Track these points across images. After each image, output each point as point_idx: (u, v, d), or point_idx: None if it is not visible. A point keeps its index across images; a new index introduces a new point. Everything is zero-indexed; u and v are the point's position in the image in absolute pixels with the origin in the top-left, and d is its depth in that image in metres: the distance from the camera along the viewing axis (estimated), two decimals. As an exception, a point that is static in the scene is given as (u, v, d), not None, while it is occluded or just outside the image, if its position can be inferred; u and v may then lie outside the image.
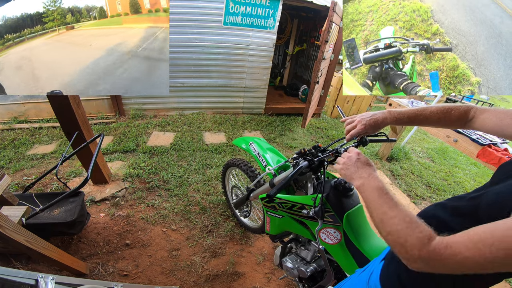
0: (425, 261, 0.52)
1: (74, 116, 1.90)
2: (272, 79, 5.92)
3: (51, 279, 0.87)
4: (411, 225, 0.57)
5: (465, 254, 0.49)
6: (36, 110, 3.62)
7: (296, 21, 5.72)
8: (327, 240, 1.11)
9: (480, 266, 0.48)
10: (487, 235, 0.48)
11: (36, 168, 2.67)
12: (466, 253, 0.48)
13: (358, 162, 0.79)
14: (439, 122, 0.89)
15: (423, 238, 0.53)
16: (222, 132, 3.87)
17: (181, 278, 1.78)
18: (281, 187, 0.93)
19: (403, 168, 3.66)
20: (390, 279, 0.75)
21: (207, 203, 2.44)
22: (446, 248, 0.50)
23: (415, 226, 0.56)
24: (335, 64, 4.54)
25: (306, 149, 1.17)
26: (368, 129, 0.96)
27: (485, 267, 0.47)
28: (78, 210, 1.75)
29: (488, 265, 0.47)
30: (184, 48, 3.72)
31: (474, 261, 0.48)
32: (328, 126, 4.70)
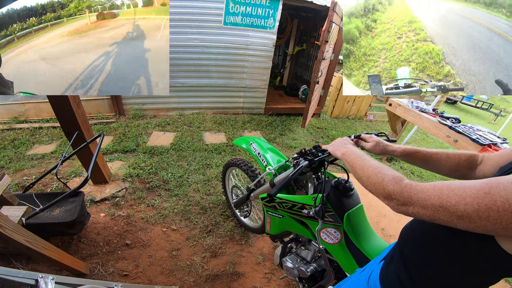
0: (398, 193, 0.59)
1: (74, 116, 1.90)
2: (272, 79, 5.92)
3: (51, 279, 0.87)
4: (387, 169, 0.67)
5: (428, 193, 0.53)
6: (36, 110, 3.62)
7: (296, 21, 5.73)
8: (327, 240, 1.11)
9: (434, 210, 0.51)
10: (455, 182, 0.51)
11: (36, 168, 2.67)
12: (431, 191, 0.53)
13: (343, 140, 0.98)
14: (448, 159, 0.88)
15: (397, 176, 0.62)
16: (222, 132, 3.87)
17: (181, 278, 1.78)
18: (281, 186, 0.93)
19: (403, 168, 3.66)
20: (390, 279, 0.75)
21: (207, 203, 2.44)
22: (417, 185, 0.56)
23: (390, 170, 0.66)
24: (335, 64, 4.54)
25: (306, 149, 1.17)
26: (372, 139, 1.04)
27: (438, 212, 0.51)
28: (78, 210, 1.75)
29: (440, 210, 0.50)
30: (184, 48, 3.72)
31: (431, 202, 0.52)
32: (328, 126, 4.70)
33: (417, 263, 0.68)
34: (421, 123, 2.82)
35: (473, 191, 0.47)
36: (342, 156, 0.88)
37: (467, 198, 0.46)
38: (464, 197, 0.47)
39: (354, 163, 0.79)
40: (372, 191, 0.68)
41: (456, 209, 0.48)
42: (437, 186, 0.53)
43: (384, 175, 0.65)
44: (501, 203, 0.43)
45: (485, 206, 0.44)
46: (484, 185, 0.46)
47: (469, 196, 0.46)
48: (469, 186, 0.48)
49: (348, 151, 0.86)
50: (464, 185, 0.49)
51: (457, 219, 0.48)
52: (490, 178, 0.48)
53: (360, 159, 0.78)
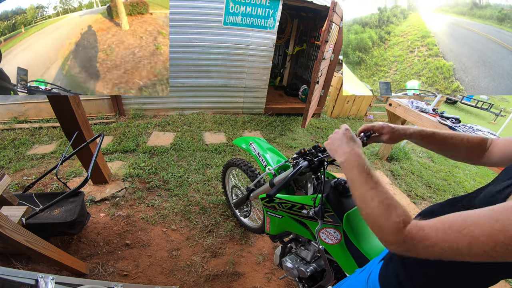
0: (400, 245, 0.53)
1: (74, 116, 1.90)
2: (272, 79, 5.92)
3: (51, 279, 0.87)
4: (388, 208, 0.57)
5: (433, 239, 0.49)
6: (36, 110, 3.62)
7: (296, 21, 5.72)
8: (327, 240, 1.11)
9: (445, 253, 0.48)
10: (458, 220, 0.48)
11: (36, 168, 2.67)
12: (435, 237, 0.48)
13: (344, 137, 0.78)
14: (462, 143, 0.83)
15: (398, 223, 0.53)
16: (222, 132, 3.87)
17: (181, 278, 1.78)
18: (281, 187, 0.93)
19: (403, 168, 3.66)
20: (389, 279, 0.75)
21: (207, 203, 2.44)
22: (419, 231, 0.51)
23: (393, 210, 0.56)
24: (335, 64, 4.54)
25: (306, 149, 1.17)
26: (386, 129, 0.91)
27: (450, 254, 0.47)
28: (78, 210, 1.75)
29: (451, 253, 0.47)
30: (184, 48, 3.72)
31: (440, 247, 0.48)
32: (328, 126, 4.70)
33: (416, 263, 0.68)
34: (421, 123, 2.83)
35: (484, 229, 0.44)
36: (340, 164, 0.75)
37: (480, 237, 0.44)
38: (476, 237, 0.44)
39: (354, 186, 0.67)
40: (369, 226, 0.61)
41: (470, 250, 0.45)
42: (439, 230, 0.48)
43: (385, 221, 0.56)
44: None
45: (502, 243, 0.42)
46: (494, 222, 0.44)
47: (482, 235, 0.44)
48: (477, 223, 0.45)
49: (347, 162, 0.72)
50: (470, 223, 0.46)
51: (474, 257, 0.46)
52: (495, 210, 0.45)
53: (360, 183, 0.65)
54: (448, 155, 0.90)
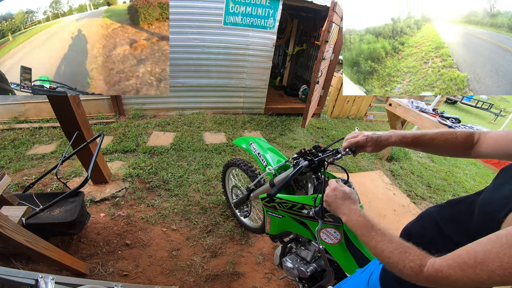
0: (424, 284, 0.56)
1: (74, 116, 1.90)
2: (272, 79, 5.92)
3: (51, 279, 0.87)
4: (401, 255, 0.60)
5: (454, 277, 0.51)
6: (36, 110, 3.62)
7: (296, 21, 5.72)
8: (327, 240, 1.11)
9: (469, 285, 0.50)
10: (471, 257, 0.50)
11: (36, 168, 2.67)
12: (454, 275, 0.51)
13: (338, 198, 0.83)
14: (446, 143, 0.86)
15: (414, 267, 0.56)
16: (222, 132, 3.87)
17: (181, 278, 1.78)
18: (281, 186, 0.93)
19: (403, 168, 3.66)
20: (389, 280, 0.75)
21: (207, 203, 2.44)
22: (437, 272, 0.53)
23: (405, 256, 0.59)
24: (335, 64, 4.54)
25: (306, 149, 1.17)
26: (369, 142, 0.95)
27: (474, 286, 0.49)
28: (78, 210, 1.75)
29: (476, 285, 0.49)
30: (184, 48, 3.72)
31: (463, 282, 0.50)
32: (328, 126, 4.70)
33: None
34: (421, 123, 2.83)
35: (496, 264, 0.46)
36: (345, 221, 0.79)
37: (496, 271, 0.46)
38: (493, 271, 0.46)
39: (363, 241, 0.71)
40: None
41: (493, 281, 0.47)
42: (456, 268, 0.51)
43: (402, 267, 0.59)
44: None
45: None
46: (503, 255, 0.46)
47: (497, 269, 0.46)
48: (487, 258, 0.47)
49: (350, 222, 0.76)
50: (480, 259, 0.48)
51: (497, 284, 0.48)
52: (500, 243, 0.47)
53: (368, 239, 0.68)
54: (435, 154, 0.93)
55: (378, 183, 3.16)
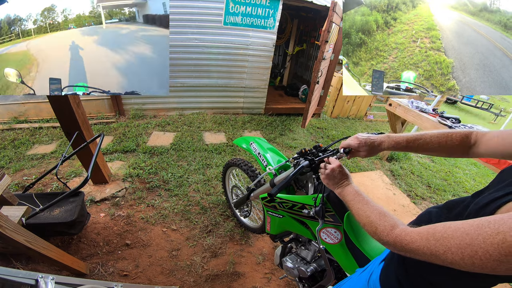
0: (391, 244, 0.62)
1: (74, 116, 1.90)
2: (272, 79, 5.92)
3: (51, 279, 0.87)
4: (380, 216, 0.69)
5: (417, 243, 0.55)
6: (36, 110, 3.62)
7: (296, 21, 5.72)
8: (327, 239, 1.11)
9: (427, 257, 0.53)
10: (440, 230, 0.52)
11: (36, 168, 2.67)
12: (419, 242, 0.55)
13: (339, 174, 0.91)
14: (440, 146, 0.86)
15: (388, 226, 0.65)
16: (222, 132, 3.87)
17: (181, 278, 1.78)
18: (282, 186, 0.93)
19: (403, 168, 3.66)
20: (389, 280, 0.76)
21: (207, 203, 2.44)
22: (406, 235, 0.58)
23: (383, 217, 0.68)
24: (335, 64, 4.54)
25: (307, 149, 1.17)
26: (362, 146, 0.95)
27: (430, 258, 0.53)
28: (78, 210, 1.75)
29: (431, 258, 0.52)
30: (184, 48, 3.72)
31: (422, 252, 0.54)
32: (328, 126, 4.70)
33: (415, 265, 0.69)
34: (421, 123, 2.82)
35: (456, 242, 0.48)
36: (338, 194, 0.89)
37: (452, 248, 0.49)
38: (449, 247, 0.49)
39: (350, 207, 0.82)
40: (368, 233, 0.72)
41: (445, 258, 0.50)
42: (423, 236, 0.54)
43: (376, 225, 0.67)
44: (482, 254, 0.44)
45: (469, 255, 0.46)
46: (465, 236, 0.48)
47: (454, 247, 0.48)
48: (452, 236, 0.50)
49: (342, 193, 0.87)
50: (447, 234, 0.51)
51: (449, 265, 0.50)
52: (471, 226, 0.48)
53: (356, 203, 0.79)
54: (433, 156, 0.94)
55: (378, 183, 3.16)
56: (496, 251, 0.43)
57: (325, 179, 0.94)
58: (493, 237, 0.44)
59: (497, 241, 0.43)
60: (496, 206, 0.52)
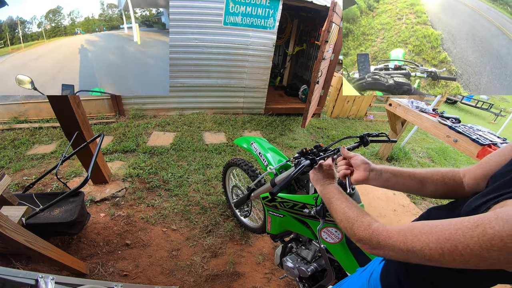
0: (367, 240, 0.60)
1: (74, 116, 1.89)
2: (272, 79, 5.92)
3: (51, 279, 0.86)
4: (358, 212, 0.68)
5: (394, 239, 0.54)
6: (36, 110, 3.62)
7: (296, 21, 5.73)
8: (328, 239, 1.11)
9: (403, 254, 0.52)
10: (419, 227, 0.51)
11: (36, 168, 2.67)
12: (395, 238, 0.53)
13: (326, 173, 0.91)
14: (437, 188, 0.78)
15: (365, 222, 0.64)
16: (222, 132, 3.87)
17: (181, 278, 1.78)
18: (284, 185, 0.93)
19: (403, 168, 3.65)
20: (390, 279, 0.76)
21: (207, 203, 2.44)
22: (383, 231, 0.57)
23: (361, 214, 0.67)
24: (335, 64, 4.54)
25: (307, 148, 1.17)
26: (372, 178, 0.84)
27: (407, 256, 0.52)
28: (78, 210, 1.75)
29: (409, 255, 0.51)
30: (184, 48, 3.72)
31: (398, 248, 0.52)
32: (328, 126, 4.70)
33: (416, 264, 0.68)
34: (421, 123, 2.82)
35: (434, 237, 0.47)
36: (319, 191, 0.89)
37: (430, 243, 0.47)
38: (427, 243, 0.48)
39: (328, 205, 0.81)
40: (343, 230, 0.71)
41: (423, 254, 0.48)
42: (401, 232, 0.53)
43: (354, 221, 0.66)
44: (463, 248, 0.43)
45: (448, 251, 0.45)
46: (444, 231, 0.47)
47: (432, 242, 0.47)
48: (430, 231, 0.49)
49: (324, 190, 0.86)
50: (426, 230, 0.50)
51: (427, 262, 0.49)
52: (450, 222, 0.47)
53: (330, 202, 0.79)
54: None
55: (378, 183, 3.15)
56: (477, 245, 0.42)
57: (311, 173, 0.95)
58: (472, 230, 0.43)
59: (477, 234, 0.42)
60: (487, 208, 0.51)
